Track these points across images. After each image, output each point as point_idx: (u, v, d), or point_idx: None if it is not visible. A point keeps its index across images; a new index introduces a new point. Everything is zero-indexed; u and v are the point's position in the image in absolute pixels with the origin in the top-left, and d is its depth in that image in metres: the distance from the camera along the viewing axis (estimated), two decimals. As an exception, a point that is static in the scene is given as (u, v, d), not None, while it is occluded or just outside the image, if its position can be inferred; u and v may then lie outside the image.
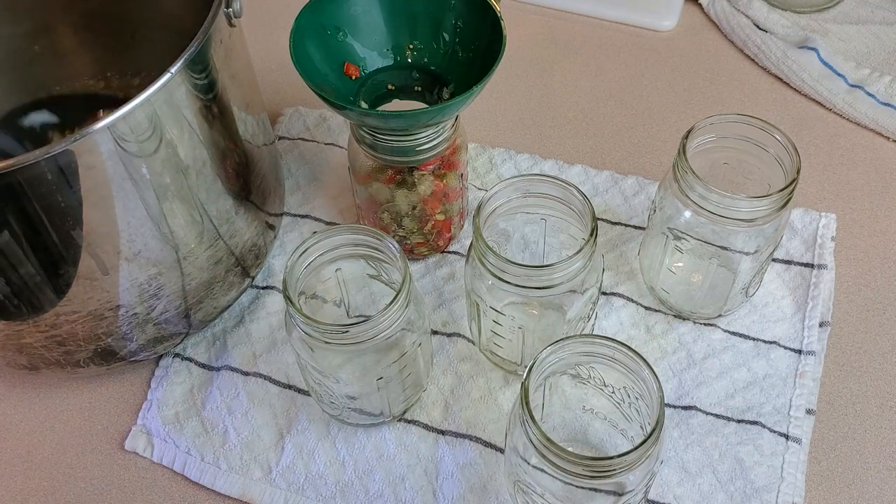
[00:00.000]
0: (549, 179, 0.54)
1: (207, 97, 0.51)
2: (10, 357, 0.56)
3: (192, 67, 0.48)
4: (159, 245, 0.51)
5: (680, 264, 0.60)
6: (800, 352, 0.60)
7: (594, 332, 0.60)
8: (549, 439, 0.43)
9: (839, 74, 0.75)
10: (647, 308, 0.63)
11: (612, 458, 0.43)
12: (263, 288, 0.65)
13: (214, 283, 0.57)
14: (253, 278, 0.63)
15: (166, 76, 0.46)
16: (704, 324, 0.61)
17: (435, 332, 0.62)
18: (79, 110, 0.67)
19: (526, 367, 0.46)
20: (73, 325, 0.52)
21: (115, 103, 0.45)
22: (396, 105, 0.61)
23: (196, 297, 0.57)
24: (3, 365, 0.58)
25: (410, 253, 0.65)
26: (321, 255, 0.52)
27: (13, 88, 0.66)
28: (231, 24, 0.52)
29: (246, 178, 0.58)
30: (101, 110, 0.63)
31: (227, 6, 0.51)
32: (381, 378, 0.53)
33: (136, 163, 0.47)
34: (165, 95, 0.47)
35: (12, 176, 0.43)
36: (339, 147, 0.74)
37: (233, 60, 0.53)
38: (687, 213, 0.55)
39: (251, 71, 0.59)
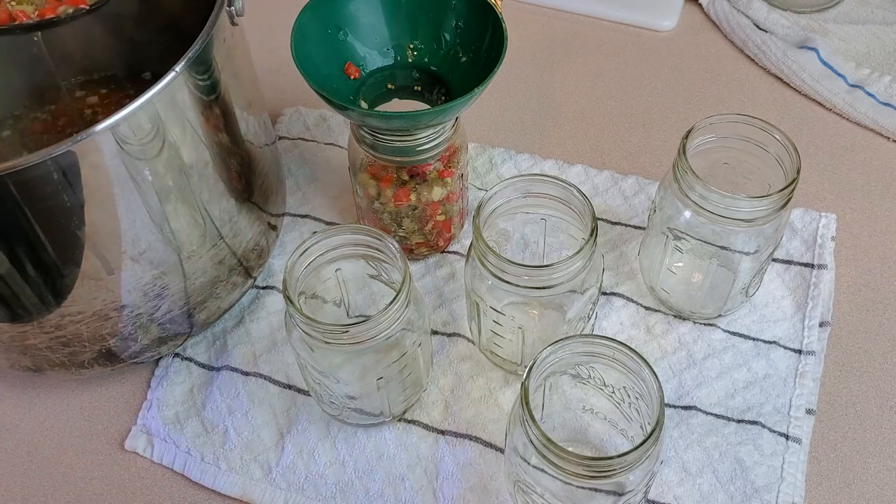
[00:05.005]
0: (549, 179, 0.54)
1: (210, 97, 0.51)
2: (14, 359, 0.56)
3: (194, 67, 0.48)
4: (163, 245, 0.51)
5: (680, 264, 0.60)
6: (800, 352, 0.60)
7: (594, 332, 0.61)
8: (549, 439, 0.43)
9: (839, 74, 0.75)
10: (647, 308, 0.63)
11: (612, 458, 0.43)
12: (263, 288, 0.65)
13: (218, 282, 0.57)
14: (255, 279, 0.63)
15: (170, 76, 0.46)
16: (704, 324, 0.61)
17: (435, 332, 0.62)
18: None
19: (526, 367, 0.46)
20: (77, 325, 0.52)
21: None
22: (396, 105, 0.61)
23: (200, 298, 0.57)
24: (7, 367, 0.58)
25: (410, 253, 0.65)
26: (321, 255, 0.53)
27: (12, 89, 0.66)
28: (233, 23, 0.52)
29: (248, 178, 0.58)
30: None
31: (230, 5, 0.51)
32: (381, 378, 0.53)
33: (139, 164, 0.47)
34: (168, 96, 0.47)
35: (17, 176, 0.42)
36: (339, 147, 0.74)
37: (235, 60, 0.53)
38: (687, 213, 0.55)
39: (252, 70, 0.59)
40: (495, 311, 0.54)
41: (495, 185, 0.53)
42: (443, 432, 0.58)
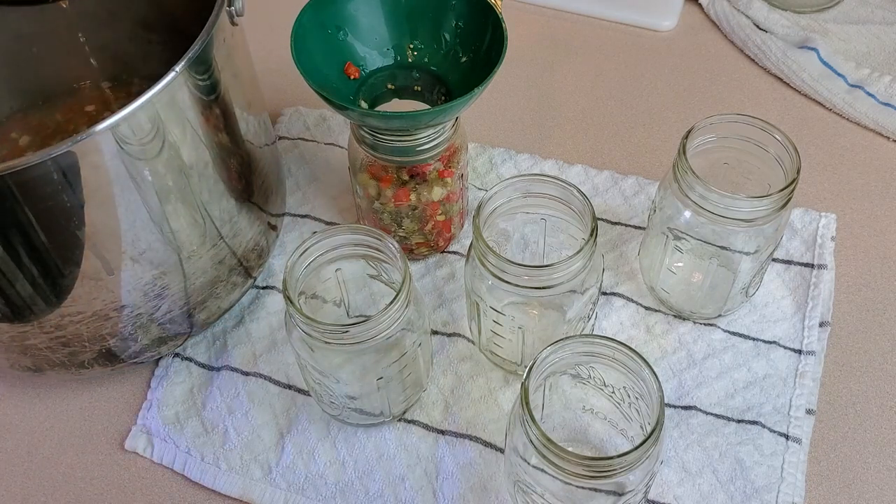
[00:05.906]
0: (549, 179, 0.54)
1: (210, 97, 0.51)
2: (14, 359, 0.56)
3: (194, 67, 0.48)
4: (163, 245, 0.51)
5: (680, 264, 0.60)
6: (800, 352, 0.60)
7: (594, 332, 0.61)
8: (549, 439, 0.43)
9: (839, 74, 0.75)
10: (647, 308, 0.63)
11: (612, 458, 0.43)
12: (263, 288, 0.65)
13: (218, 282, 0.57)
14: (255, 279, 0.63)
15: (170, 75, 0.46)
16: (704, 324, 0.61)
17: (435, 332, 0.62)
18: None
19: (526, 367, 0.46)
20: (77, 325, 0.52)
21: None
22: (396, 105, 0.61)
23: (200, 297, 0.57)
24: (7, 367, 0.58)
25: (410, 253, 0.65)
26: (321, 255, 0.53)
27: (10, 91, 0.66)
28: (233, 23, 0.52)
29: (248, 178, 0.58)
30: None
31: (230, 5, 0.51)
32: (381, 378, 0.53)
33: (139, 164, 0.47)
34: (168, 96, 0.47)
35: (17, 176, 0.42)
36: (339, 147, 0.74)
37: (235, 60, 0.53)
38: (687, 213, 0.55)
39: (252, 70, 0.59)
40: (495, 311, 0.54)
41: (495, 185, 0.53)
42: (443, 432, 0.58)
